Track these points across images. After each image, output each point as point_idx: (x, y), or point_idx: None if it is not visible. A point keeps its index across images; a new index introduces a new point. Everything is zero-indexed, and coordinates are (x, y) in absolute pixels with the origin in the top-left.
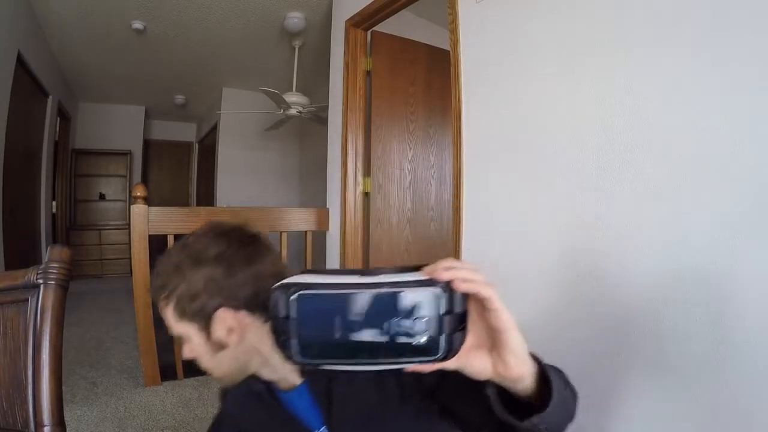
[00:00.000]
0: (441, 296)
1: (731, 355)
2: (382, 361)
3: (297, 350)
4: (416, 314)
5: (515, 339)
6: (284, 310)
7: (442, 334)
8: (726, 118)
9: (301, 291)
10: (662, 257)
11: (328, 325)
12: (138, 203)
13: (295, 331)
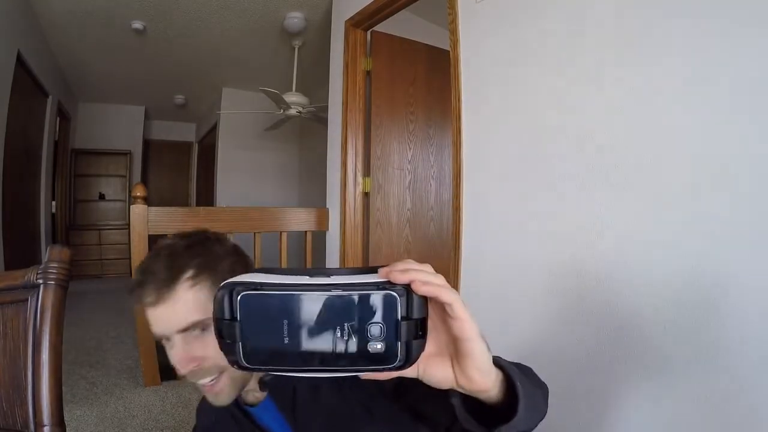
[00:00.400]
0: (398, 300)
1: (731, 356)
2: (334, 368)
3: (242, 355)
4: (370, 319)
5: (478, 349)
6: (228, 311)
7: (399, 341)
8: (729, 120)
9: (246, 291)
10: (662, 258)
11: (275, 328)
12: (138, 203)
13: (240, 334)
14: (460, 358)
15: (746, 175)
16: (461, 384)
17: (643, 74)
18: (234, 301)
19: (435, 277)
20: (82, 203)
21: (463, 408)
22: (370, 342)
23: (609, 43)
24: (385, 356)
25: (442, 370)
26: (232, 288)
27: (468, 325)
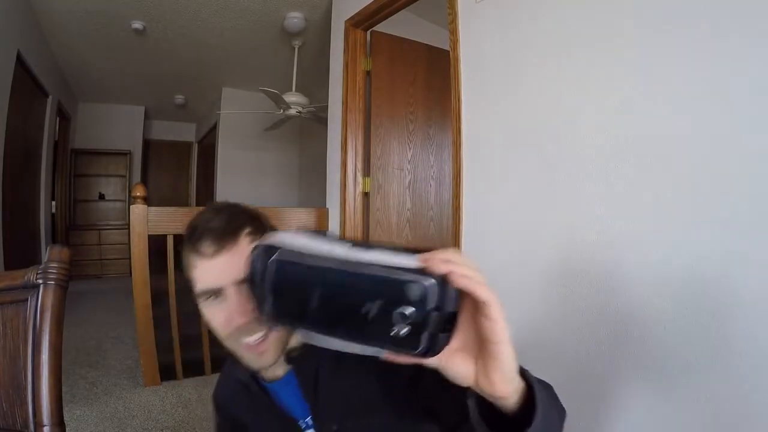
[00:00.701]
0: (432, 290)
1: (731, 357)
2: (357, 342)
3: (271, 312)
4: (401, 303)
5: (506, 353)
6: (262, 270)
7: (425, 331)
8: (730, 120)
9: (282, 257)
10: (662, 258)
11: (305, 295)
12: (137, 203)
13: (270, 293)
14: (486, 359)
15: (747, 174)
16: (481, 385)
17: (644, 74)
18: (270, 260)
19: (475, 272)
20: (82, 203)
21: (477, 411)
22: (396, 325)
23: (609, 43)
24: (408, 342)
25: (464, 367)
26: (271, 247)
27: (500, 328)
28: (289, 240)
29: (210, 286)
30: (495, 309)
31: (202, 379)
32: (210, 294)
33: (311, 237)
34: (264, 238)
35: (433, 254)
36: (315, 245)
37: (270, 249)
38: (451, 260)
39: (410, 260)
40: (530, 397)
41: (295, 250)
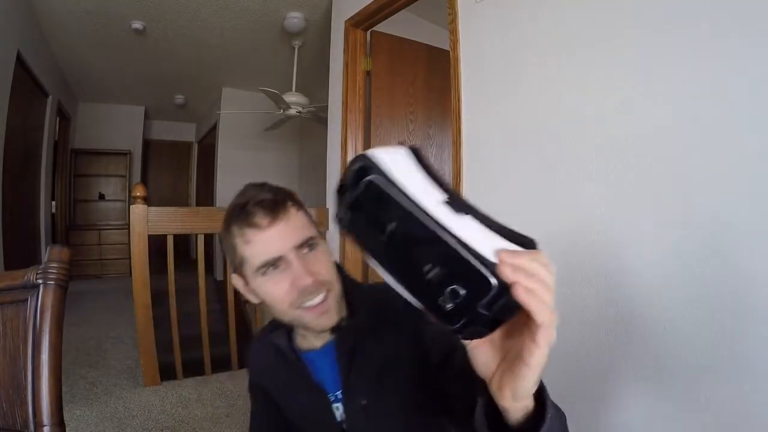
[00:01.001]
0: (491, 291)
1: (732, 358)
2: (405, 288)
3: (346, 222)
4: (458, 283)
5: (528, 379)
6: (351, 182)
7: (465, 319)
8: (731, 119)
9: (376, 180)
10: (663, 258)
11: (380, 223)
12: (137, 203)
13: (351, 206)
14: (507, 370)
15: (747, 174)
16: (492, 386)
17: (644, 74)
18: (362, 176)
19: (545, 289)
20: (81, 203)
21: (483, 410)
22: (443, 297)
23: (609, 43)
24: (446, 316)
25: (486, 361)
26: (368, 164)
27: (539, 354)
28: (388, 163)
29: (271, 256)
30: (544, 335)
31: (202, 379)
32: (270, 264)
33: (412, 167)
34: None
35: (513, 256)
36: (412, 180)
37: (368, 167)
38: (524, 269)
39: (492, 247)
40: (538, 418)
41: (390, 177)
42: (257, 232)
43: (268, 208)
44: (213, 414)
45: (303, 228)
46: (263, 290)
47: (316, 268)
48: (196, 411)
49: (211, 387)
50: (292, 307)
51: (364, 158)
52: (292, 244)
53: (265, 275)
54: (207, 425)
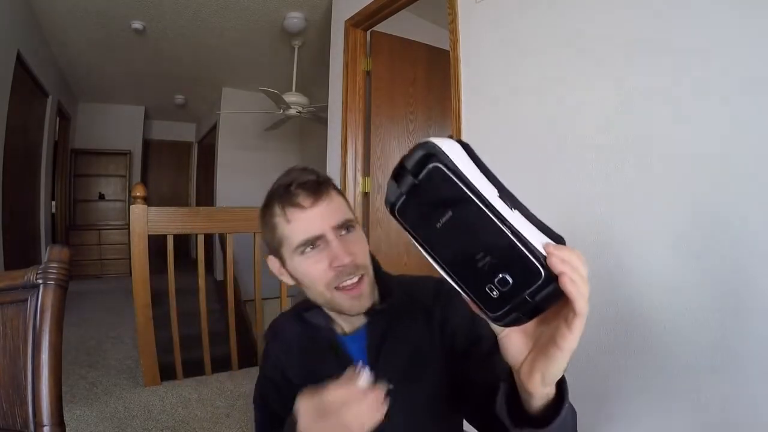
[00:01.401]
0: (539, 280)
1: (732, 358)
2: (451, 273)
3: (399, 206)
4: (508, 272)
5: (560, 363)
6: (414, 167)
7: (509, 306)
8: (732, 119)
9: (440, 164)
10: (663, 258)
11: (437, 211)
12: (137, 203)
13: (408, 191)
14: (540, 355)
15: (747, 174)
16: (521, 371)
17: (644, 74)
18: (424, 163)
19: (584, 283)
20: (81, 203)
21: (504, 397)
22: (491, 285)
23: (609, 43)
24: (491, 303)
25: (518, 347)
26: (432, 151)
27: (572, 339)
28: (450, 152)
29: (312, 234)
30: (580, 324)
31: (202, 379)
32: (309, 243)
33: (467, 159)
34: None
35: (559, 249)
36: (471, 171)
37: (432, 153)
38: (570, 262)
39: (539, 241)
40: (557, 407)
41: (455, 166)
42: (300, 211)
43: (311, 190)
44: (213, 414)
45: (342, 210)
46: (301, 269)
47: (354, 249)
48: (196, 411)
49: (211, 387)
50: (329, 288)
51: (427, 145)
52: (332, 224)
53: (303, 254)
54: (207, 425)
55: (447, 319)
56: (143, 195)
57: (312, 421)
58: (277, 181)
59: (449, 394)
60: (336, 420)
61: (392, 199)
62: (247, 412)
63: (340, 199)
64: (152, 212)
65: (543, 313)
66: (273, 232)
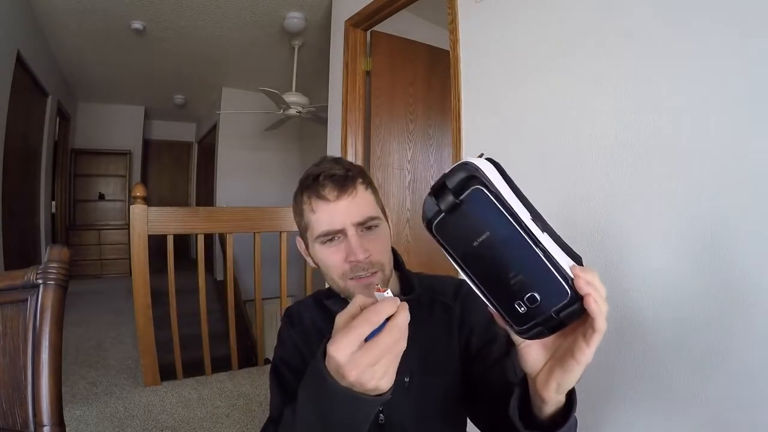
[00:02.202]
0: (565, 299)
1: (732, 358)
2: (481, 287)
3: (437, 223)
4: (537, 290)
5: (574, 374)
6: (458, 186)
7: (535, 320)
8: (732, 119)
9: (483, 187)
10: (663, 258)
11: (475, 231)
12: (137, 203)
13: (448, 210)
14: (557, 366)
15: (748, 173)
16: (538, 380)
17: (644, 73)
18: (467, 185)
19: (604, 303)
20: (81, 203)
21: (517, 401)
22: (520, 302)
23: (609, 43)
24: (517, 318)
25: (536, 358)
26: (475, 174)
27: (588, 354)
28: (489, 174)
29: (332, 227)
30: (597, 339)
31: (202, 378)
32: (329, 235)
33: (502, 180)
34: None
35: (585, 272)
36: (509, 195)
37: (474, 175)
38: (593, 284)
39: (566, 263)
40: (565, 415)
41: (496, 189)
42: (324, 203)
43: (338, 183)
44: (213, 414)
45: (368, 206)
46: (320, 257)
47: (371, 246)
48: (197, 411)
49: (211, 387)
50: (343, 278)
51: (469, 167)
52: (353, 221)
53: (323, 244)
54: (207, 425)
55: (465, 318)
56: (143, 195)
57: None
58: (310, 168)
59: (460, 391)
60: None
61: (429, 215)
62: (247, 412)
63: (368, 195)
64: (152, 212)
65: (564, 328)
66: (301, 216)
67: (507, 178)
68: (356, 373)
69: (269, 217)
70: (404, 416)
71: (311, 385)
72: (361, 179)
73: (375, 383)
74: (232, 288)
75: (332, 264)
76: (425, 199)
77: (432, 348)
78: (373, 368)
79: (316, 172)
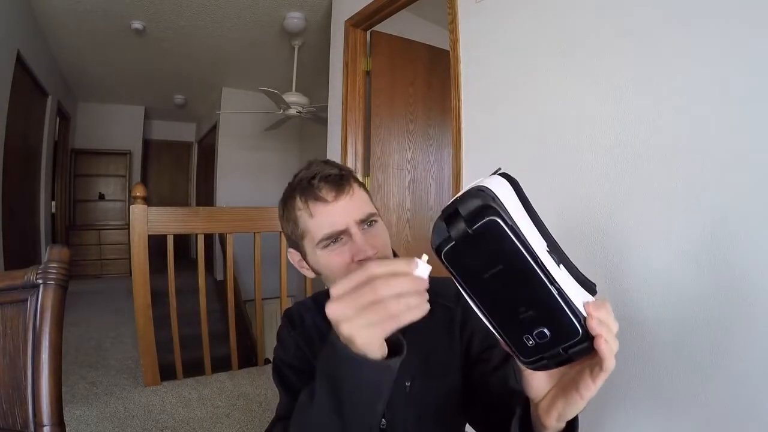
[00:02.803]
0: (576, 338)
1: (732, 359)
2: (490, 318)
3: (447, 251)
4: (547, 326)
5: (577, 407)
6: (470, 216)
7: (543, 355)
8: (732, 116)
9: (498, 218)
10: (663, 258)
11: (488, 263)
12: (137, 203)
13: (460, 239)
14: (560, 396)
15: (748, 173)
16: (540, 406)
17: (643, 72)
18: (482, 215)
19: (615, 343)
20: (81, 203)
21: (518, 421)
22: (528, 336)
23: (609, 43)
24: (524, 349)
25: (540, 385)
26: (491, 204)
27: (594, 390)
28: (505, 201)
29: (335, 228)
30: (604, 378)
31: (202, 378)
32: (333, 237)
33: (518, 204)
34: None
35: (598, 310)
36: (524, 224)
37: (488, 205)
38: (606, 324)
39: (580, 299)
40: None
41: (512, 222)
42: (323, 205)
43: (334, 183)
44: (213, 414)
45: (365, 204)
46: (323, 262)
47: (377, 243)
48: (197, 411)
49: (211, 387)
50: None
51: (485, 195)
52: (355, 219)
53: (326, 248)
54: (207, 425)
55: (466, 321)
56: (143, 195)
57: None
58: (299, 173)
59: (461, 395)
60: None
61: (439, 241)
62: (247, 412)
63: (363, 193)
64: (152, 212)
65: (571, 363)
66: (295, 225)
67: (523, 199)
68: (347, 327)
69: (269, 217)
70: (406, 420)
71: (324, 355)
72: (353, 178)
73: (359, 338)
74: (232, 288)
75: (338, 267)
76: (436, 223)
77: (433, 351)
78: (356, 319)
79: (309, 175)
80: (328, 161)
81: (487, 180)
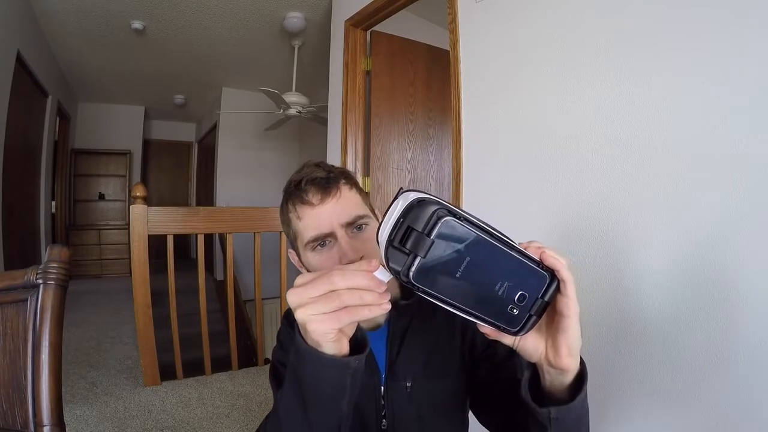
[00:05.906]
0: (546, 281)
1: (732, 359)
2: (475, 312)
3: (415, 271)
4: (523, 288)
5: (574, 327)
6: (427, 226)
7: (529, 313)
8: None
9: (451, 217)
10: (664, 258)
11: (456, 261)
12: (137, 203)
13: (425, 251)
14: (556, 333)
15: (748, 172)
16: (549, 357)
17: (642, 74)
18: (436, 219)
19: (561, 256)
20: (81, 203)
21: (528, 383)
22: (512, 306)
23: (609, 43)
24: (512, 320)
25: (535, 344)
26: (438, 207)
27: (572, 304)
28: (450, 205)
29: (320, 232)
30: (571, 287)
31: (202, 378)
32: (318, 240)
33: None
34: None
35: (543, 248)
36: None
37: (438, 206)
38: (542, 247)
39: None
40: (578, 382)
41: (460, 213)
42: (309, 208)
43: (320, 186)
44: (213, 414)
45: (354, 207)
46: (313, 264)
47: (363, 247)
48: (197, 411)
49: (211, 387)
50: None
51: (428, 201)
52: (341, 222)
53: (314, 251)
54: (207, 425)
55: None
56: (143, 195)
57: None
58: (292, 176)
59: (465, 394)
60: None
61: (400, 267)
62: (247, 412)
63: (354, 195)
64: (152, 212)
65: (548, 307)
66: (289, 226)
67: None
68: (301, 312)
69: (269, 217)
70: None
71: (291, 351)
72: (344, 180)
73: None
74: (232, 288)
75: (323, 265)
76: (386, 254)
77: (434, 352)
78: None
79: (297, 179)
80: (320, 163)
81: (405, 195)
